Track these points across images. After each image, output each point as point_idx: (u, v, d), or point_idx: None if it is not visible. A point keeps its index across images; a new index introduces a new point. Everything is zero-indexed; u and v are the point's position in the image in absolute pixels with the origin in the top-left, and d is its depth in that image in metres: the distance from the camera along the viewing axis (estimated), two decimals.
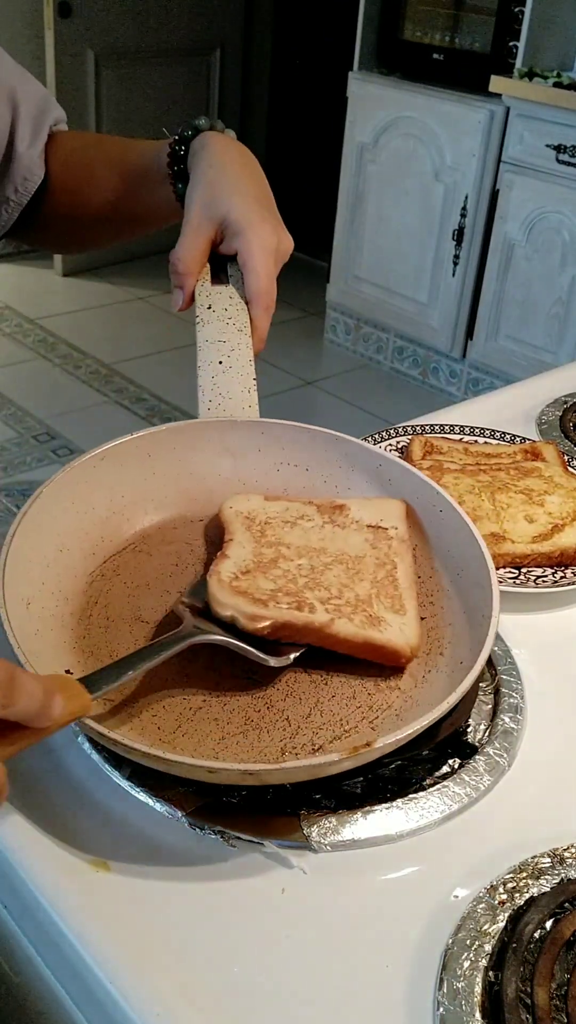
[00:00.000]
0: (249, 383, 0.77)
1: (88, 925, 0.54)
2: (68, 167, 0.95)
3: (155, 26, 3.93)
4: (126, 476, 0.75)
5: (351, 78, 3.22)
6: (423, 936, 0.55)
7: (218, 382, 0.76)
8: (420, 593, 0.72)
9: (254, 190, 0.80)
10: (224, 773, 0.55)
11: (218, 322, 0.78)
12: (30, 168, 0.93)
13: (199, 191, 0.79)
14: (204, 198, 0.78)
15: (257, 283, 0.77)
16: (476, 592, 0.66)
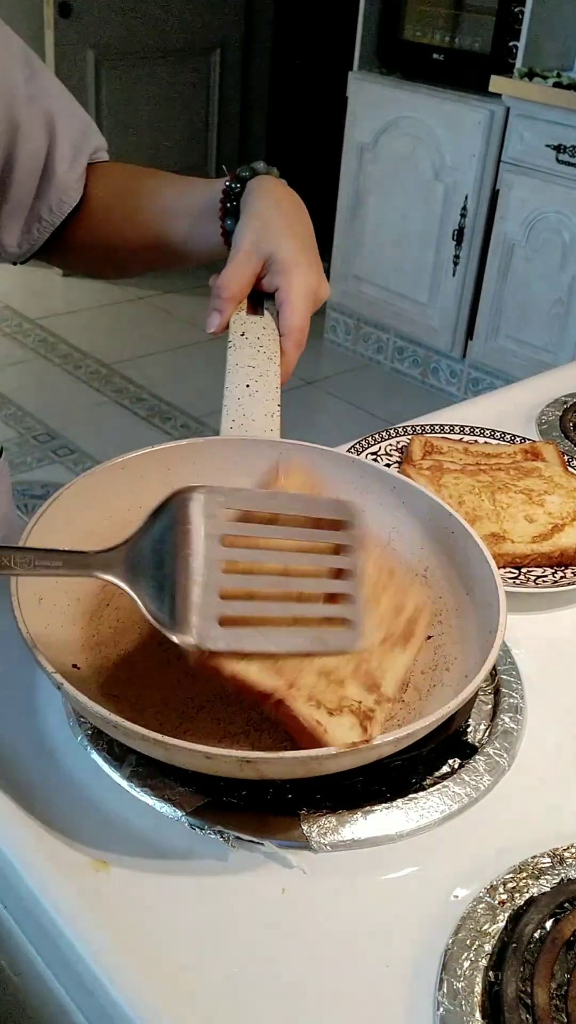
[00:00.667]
0: (273, 408, 0.79)
1: (88, 925, 0.54)
2: (112, 196, 0.97)
3: (155, 26, 3.93)
4: (144, 487, 0.77)
5: (351, 78, 3.22)
6: (423, 936, 0.55)
7: (243, 404, 0.79)
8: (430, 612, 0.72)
9: (303, 234, 0.84)
10: (221, 760, 0.55)
11: (249, 348, 0.81)
12: (66, 190, 0.95)
13: (252, 225, 0.83)
14: (256, 233, 0.82)
15: (292, 318, 0.81)
16: (485, 610, 0.67)
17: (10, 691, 0.70)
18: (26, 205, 0.94)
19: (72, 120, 0.95)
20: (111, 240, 0.98)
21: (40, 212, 0.95)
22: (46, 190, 0.94)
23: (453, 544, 0.73)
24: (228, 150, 4.45)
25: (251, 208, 0.85)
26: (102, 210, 0.97)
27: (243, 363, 0.81)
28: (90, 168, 0.97)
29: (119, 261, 1.02)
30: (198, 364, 3.46)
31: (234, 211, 0.88)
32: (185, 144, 4.26)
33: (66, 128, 0.94)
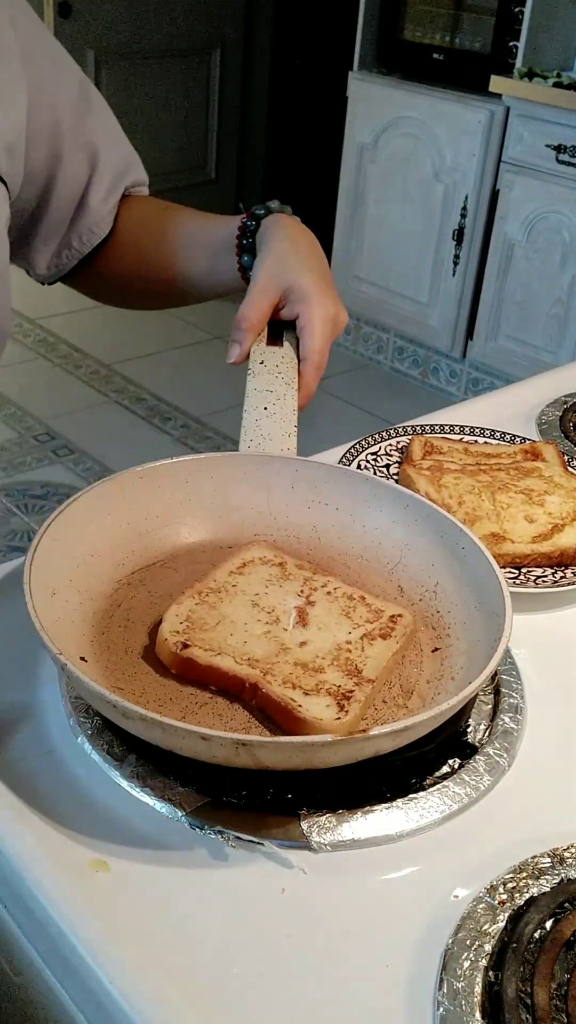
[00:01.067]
0: (290, 429, 0.82)
1: (88, 925, 0.54)
2: (140, 229, 1.00)
3: (155, 26, 3.93)
4: (162, 497, 0.79)
5: (351, 78, 3.22)
6: (423, 936, 0.55)
7: (261, 425, 0.82)
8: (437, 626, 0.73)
9: (319, 268, 0.87)
10: (217, 742, 0.55)
11: (268, 375, 0.84)
12: (98, 222, 0.98)
13: (270, 259, 0.85)
14: (274, 266, 0.85)
15: (312, 344, 0.83)
16: (492, 620, 0.68)
17: (10, 691, 0.70)
18: (59, 232, 0.97)
19: (115, 155, 0.98)
20: (135, 271, 1.01)
21: (71, 240, 0.98)
22: (79, 219, 0.97)
23: (463, 559, 0.74)
24: (228, 150, 4.45)
25: (268, 244, 0.87)
26: (129, 243, 1.00)
27: (261, 388, 0.84)
28: (124, 201, 1.00)
29: (141, 292, 1.05)
30: (198, 364, 3.47)
31: (250, 247, 0.91)
32: (185, 144, 4.26)
33: (108, 162, 0.97)
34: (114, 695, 0.56)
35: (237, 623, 0.69)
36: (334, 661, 0.66)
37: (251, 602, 0.71)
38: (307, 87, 4.39)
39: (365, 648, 0.68)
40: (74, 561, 0.71)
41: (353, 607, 0.72)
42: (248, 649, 0.67)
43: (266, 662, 0.65)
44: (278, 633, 0.68)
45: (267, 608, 0.71)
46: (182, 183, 4.31)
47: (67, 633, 0.66)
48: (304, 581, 0.74)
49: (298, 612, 0.70)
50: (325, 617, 0.70)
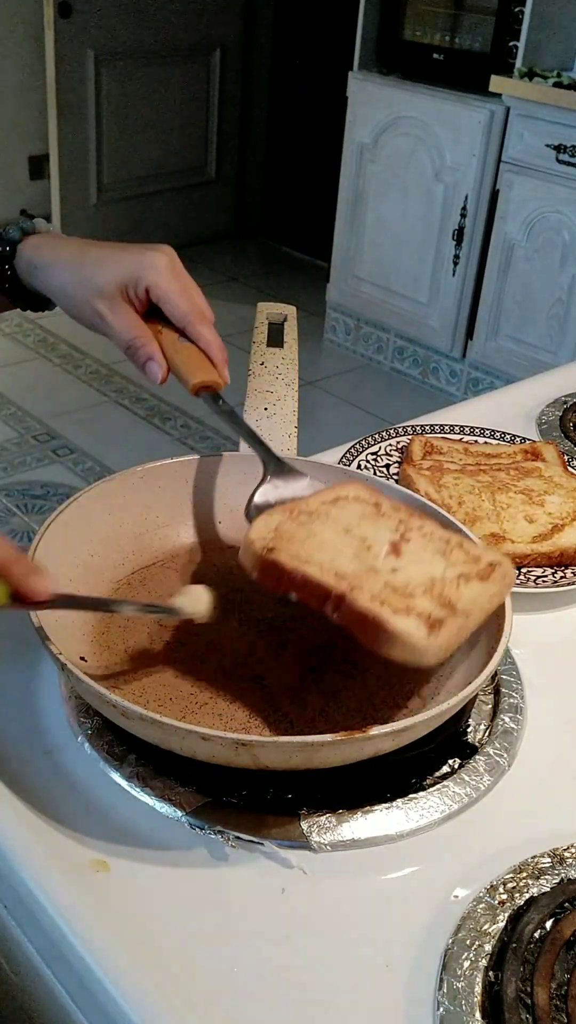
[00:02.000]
0: (290, 430, 0.82)
1: (88, 925, 0.54)
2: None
3: (155, 26, 3.93)
4: (162, 498, 0.79)
5: (351, 78, 3.22)
6: (423, 936, 0.55)
7: (261, 426, 0.82)
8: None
9: (106, 248, 0.78)
10: (217, 742, 0.55)
11: (268, 376, 0.84)
12: None
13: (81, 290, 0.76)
14: (91, 288, 0.76)
15: (179, 304, 0.75)
16: (492, 620, 0.67)
17: (10, 691, 0.70)
18: None
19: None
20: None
21: None
22: None
23: None
24: (228, 150, 4.45)
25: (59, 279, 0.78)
26: None
27: (262, 389, 0.84)
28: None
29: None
30: None
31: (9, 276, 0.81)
32: (185, 144, 4.26)
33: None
34: (114, 695, 0.56)
35: (327, 542, 0.65)
36: (427, 592, 0.62)
37: (344, 529, 0.67)
38: (307, 87, 4.39)
39: (460, 586, 0.63)
40: (74, 561, 0.72)
41: (450, 550, 0.67)
42: (336, 565, 0.62)
43: (355, 578, 0.61)
44: (369, 559, 0.64)
45: (359, 536, 0.66)
46: (182, 183, 4.32)
47: (67, 633, 0.66)
48: (400, 521, 0.69)
49: (391, 545, 0.66)
50: (420, 553, 0.66)
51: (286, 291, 4.08)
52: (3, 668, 0.71)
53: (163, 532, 0.79)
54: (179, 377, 0.75)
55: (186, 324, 0.76)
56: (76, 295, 0.76)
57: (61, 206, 3.92)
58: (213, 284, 4.11)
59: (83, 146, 3.89)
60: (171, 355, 0.75)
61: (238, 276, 4.25)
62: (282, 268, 4.40)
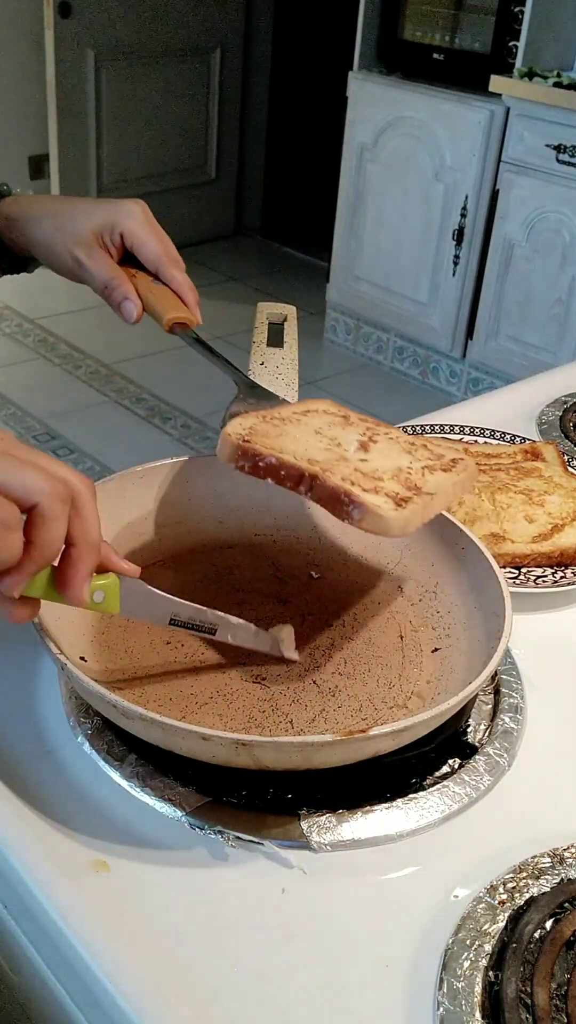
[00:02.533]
0: None
1: (88, 925, 0.54)
2: None
3: (155, 26, 3.93)
4: (162, 498, 0.80)
5: (351, 78, 3.22)
6: (423, 936, 0.55)
7: None
8: (437, 626, 0.73)
9: (83, 201, 0.83)
10: (217, 742, 0.55)
11: (268, 376, 0.83)
12: None
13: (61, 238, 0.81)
14: (68, 236, 0.80)
15: (152, 250, 0.80)
16: (492, 620, 0.68)
17: (10, 692, 0.70)
18: None
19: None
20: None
21: None
22: None
23: (463, 559, 0.74)
24: (228, 150, 4.45)
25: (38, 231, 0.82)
26: None
27: None
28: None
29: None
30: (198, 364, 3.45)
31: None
32: (185, 144, 4.26)
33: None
34: (114, 695, 0.56)
35: (299, 439, 0.69)
36: (394, 477, 0.66)
37: (314, 431, 0.71)
38: (307, 87, 4.39)
39: (426, 475, 0.68)
40: None
41: (415, 449, 0.72)
42: (309, 454, 0.66)
43: (326, 464, 0.65)
44: (339, 452, 0.68)
45: (330, 437, 0.70)
46: (182, 183, 4.32)
47: (67, 633, 0.66)
48: (367, 428, 0.73)
49: (360, 444, 0.70)
50: (387, 450, 0.70)
51: (286, 291, 4.08)
52: (3, 668, 0.71)
53: (163, 532, 0.79)
54: (154, 315, 0.79)
55: (159, 267, 0.80)
56: (55, 243, 0.80)
57: None
58: (213, 284, 4.11)
59: (83, 146, 3.89)
60: (145, 295, 0.79)
61: (238, 276, 4.25)
62: (282, 268, 4.40)
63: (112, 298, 0.79)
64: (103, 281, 0.79)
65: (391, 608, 0.75)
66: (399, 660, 0.70)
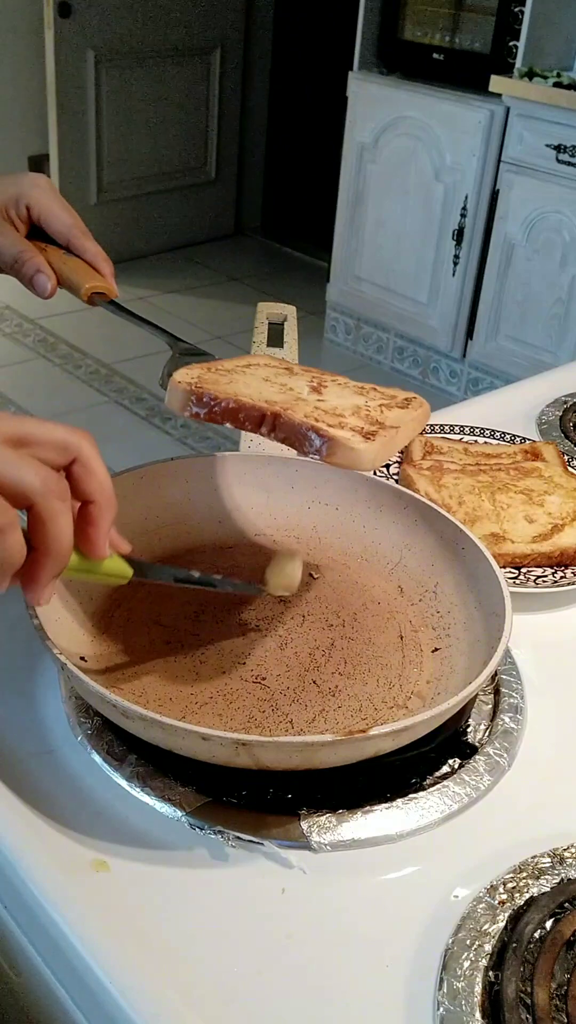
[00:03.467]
0: None
1: (88, 925, 0.54)
2: None
3: (155, 26, 3.93)
4: (162, 498, 0.79)
5: (351, 78, 3.22)
6: (423, 936, 0.55)
7: None
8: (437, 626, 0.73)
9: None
10: (217, 742, 0.55)
11: None
12: None
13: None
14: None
15: (62, 220, 0.77)
16: (492, 620, 0.67)
17: (10, 692, 0.70)
18: None
19: None
20: None
21: None
22: None
23: (463, 559, 0.74)
24: (228, 150, 4.45)
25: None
26: None
27: None
28: None
29: None
30: None
31: None
32: (185, 144, 4.26)
33: None
34: (114, 695, 0.56)
35: (251, 384, 0.67)
36: (354, 413, 0.65)
37: (263, 379, 0.69)
38: (307, 87, 4.39)
39: (384, 412, 0.67)
40: None
41: (365, 392, 0.70)
42: (264, 396, 0.65)
43: (285, 403, 0.64)
44: (295, 395, 0.67)
45: (279, 383, 0.69)
46: (182, 183, 4.32)
47: (67, 633, 0.66)
48: (313, 376, 0.72)
49: (311, 388, 0.69)
50: (339, 393, 0.69)
51: (286, 291, 4.08)
52: (3, 668, 0.71)
53: (163, 532, 0.79)
54: (70, 287, 0.77)
55: (70, 238, 0.77)
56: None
57: None
58: (213, 284, 4.11)
59: (83, 146, 3.89)
60: (59, 268, 0.77)
61: (238, 276, 4.25)
62: (282, 268, 4.40)
63: (23, 272, 0.76)
64: (12, 255, 0.76)
65: (391, 608, 0.75)
66: (399, 660, 0.70)
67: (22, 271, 0.76)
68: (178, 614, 0.73)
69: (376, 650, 0.71)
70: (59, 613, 0.66)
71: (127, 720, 0.58)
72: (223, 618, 0.73)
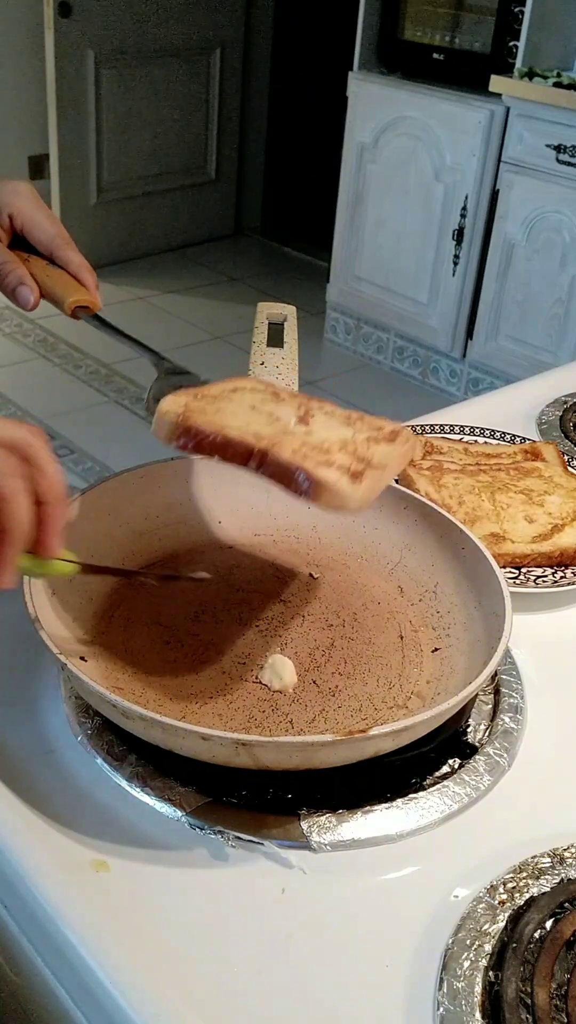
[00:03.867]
0: None
1: (88, 925, 0.54)
2: None
3: (155, 26, 3.93)
4: (162, 498, 0.79)
5: (351, 78, 3.22)
6: (423, 936, 0.55)
7: None
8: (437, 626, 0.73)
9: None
10: (217, 742, 0.55)
11: (268, 376, 0.83)
12: None
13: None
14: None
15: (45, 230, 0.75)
16: (492, 620, 0.68)
17: (10, 692, 0.70)
18: None
19: None
20: None
21: None
22: None
23: (463, 559, 0.74)
24: (228, 150, 4.45)
25: None
26: None
27: None
28: None
29: None
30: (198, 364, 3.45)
31: None
32: (185, 144, 4.26)
33: None
34: (114, 695, 0.56)
35: (237, 414, 0.66)
36: (342, 449, 0.64)
37: (250, 406, 0.68)
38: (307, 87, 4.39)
39: (371, 447, 0.65)
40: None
41: (352, 421, 0.69)
42: (252, 429, 0.63)
43: (273, 437, 0.62)
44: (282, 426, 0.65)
45: (267, 412, 0.67)
46: (182, 183, 4.32)
47: (67, 633, 0.66)
48: (300, 403, 0.70)
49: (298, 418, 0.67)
50: (327, 423, 0.67)
51: (286, 291, 4.08)
52: (3, 668, 0.71)
53: (163, 532, 0.79)
54: (53, 300, 0.75)
55: (53, 249, 0.75)
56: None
57: (61, 206, 3.92)
58: (213, 284, 4.11)
59: (83, 146, 3.89)
60: (42, 280, 0.75)
61: (238, 276, 4.25)
62: (282, 268, 4.39)
63: (6, 283, 0.74)
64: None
65: (391, 608, 0.75)
66: (399, 660, 0.70)
67: (4, 282, 0.74)
68: (178, 614, 0.73)
69: (376, 650, 0.71)
70: (59, 613, 0.66)
71: (127, 720, 0.58)
72: (223, 618, 0.73)
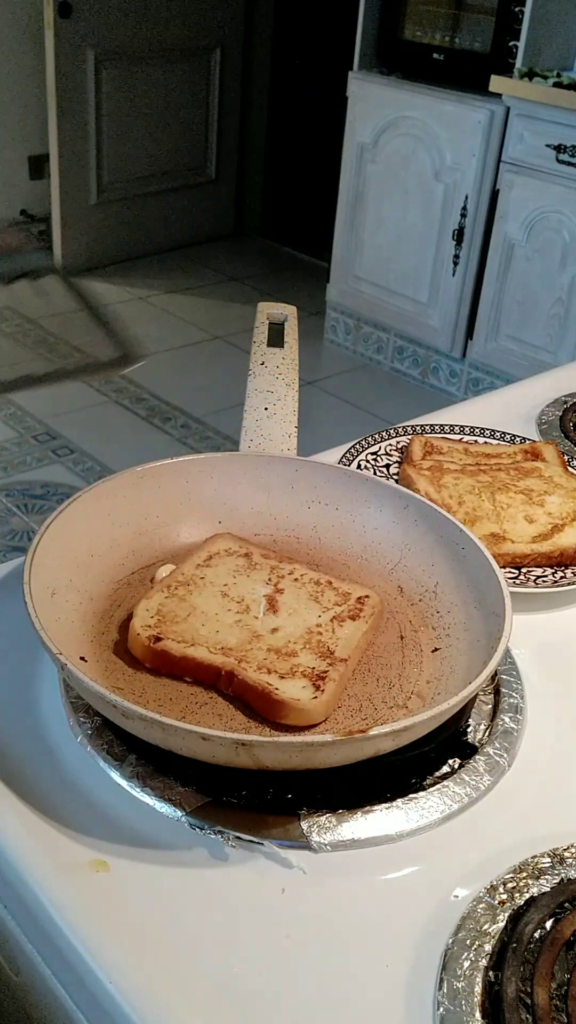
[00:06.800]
0: (290, 430, 0.83)
1: (88, 925, 0.54)
2: None
3: (155, 26, 3.92)
4: (162, 498, 0.80)
5: (351, 78, 3.22)
6: (423, 936, 0.55)
7: (261, 426, 0.83)
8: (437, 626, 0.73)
9: None
10: (217, 742, 0.55)
11: (268, 376, 0.85)
12: None
13: None
14: None
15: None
16: (492, 620, 0.68)
17: (10, 692, 0.70)
18: None
19: None
20: None
21: None
22: None
23: (463, 559, 0.74)
24: (228, 150, 4.45)
25: None
26: None
27: (262, 389, 0.84)
28: None
29: None
30: (198, 364, 3.46)
31: None
32: (185, 144, 4.26)
33: None
34: (114, 695, 0.56)
35: (208, 613, 0.70)
36: (306, 644, 0.68)
37: (220, 592, 0.72)
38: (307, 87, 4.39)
39: (335, 630, 0.69)
40: (74, 561, 0.72)
41: (321, 591, 0.73)
42: (221, 638, 0.67)
43: (240, 650, 0.66)
44: (249, 621, 0.69)
45: (236, 598, 0.71)
46: (182, 183, 4.32)
47: (67, 633, 0.66)
48: (271, 569, 0.74)
49: (268, 600, 0.71)
50: (294, 603, 0.71)
51: (286, 291, 4.08)
52: (3, 668, 0.71)
53: (163, 532, 0.79)
54: None
55: None
56: None
57: (61, 206, 3.92)
58: (213, 284, 4.11)
59: (83, 146, 3.89)
60: None
61: (238, 276, 4.25)
62: (282, 268, 4.39)
63: None
64: None
65: (391, 608, 0.75)
66: (399, 660, 0.70)
67: None
68: None
69: (376, 650, 0.71)
70: (59, 613, 0.66)
71: (127, 720, 0.58)
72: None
